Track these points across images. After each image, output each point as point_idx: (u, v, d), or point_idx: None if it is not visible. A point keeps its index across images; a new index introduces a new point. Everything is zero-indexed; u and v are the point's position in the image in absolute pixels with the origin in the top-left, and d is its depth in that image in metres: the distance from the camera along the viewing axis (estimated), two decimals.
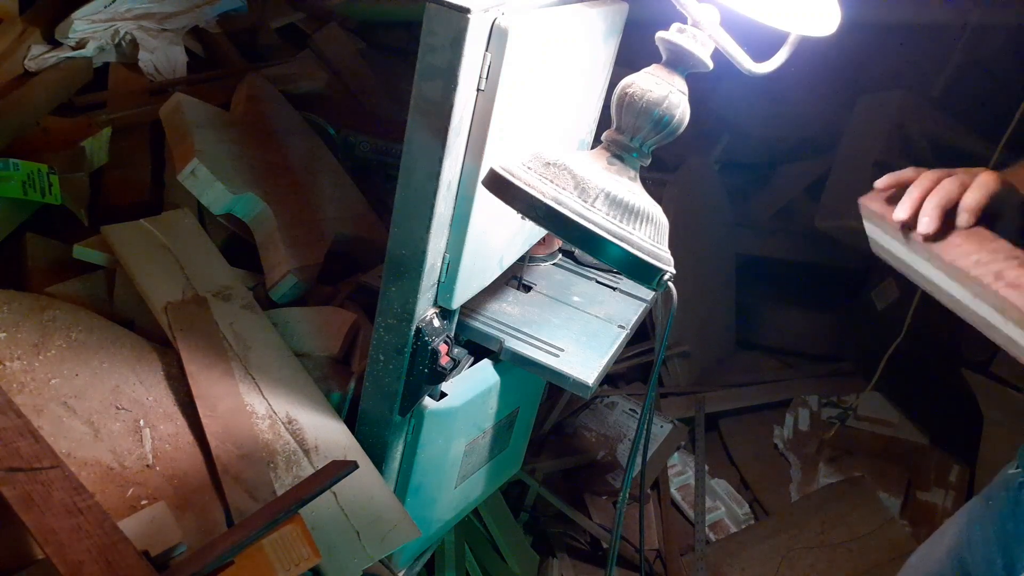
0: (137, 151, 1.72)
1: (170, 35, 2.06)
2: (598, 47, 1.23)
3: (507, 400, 1.39)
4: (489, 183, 0.94)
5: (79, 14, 1.85)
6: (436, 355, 1.14)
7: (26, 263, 1.39)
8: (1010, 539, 1.00)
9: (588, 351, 1.29)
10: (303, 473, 1.14)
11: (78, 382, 1.12)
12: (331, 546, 1.07)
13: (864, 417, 2.45)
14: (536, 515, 1.97)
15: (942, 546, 1.14)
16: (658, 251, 0.92)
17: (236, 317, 1.30)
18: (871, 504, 2.15)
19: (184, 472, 1.08)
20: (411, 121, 0.96)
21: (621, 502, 1.26)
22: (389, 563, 1.28)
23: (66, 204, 1.46)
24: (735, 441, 2.42)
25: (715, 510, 2.15)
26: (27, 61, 1.80)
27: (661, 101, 0.92)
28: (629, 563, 1.93)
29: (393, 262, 1.06)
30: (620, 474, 2.13)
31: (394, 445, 1.24)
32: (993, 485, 1.09)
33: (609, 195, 0.91)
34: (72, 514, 0.87)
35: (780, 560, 1.96)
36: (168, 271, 1.32)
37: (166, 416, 1.14)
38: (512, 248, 1.28)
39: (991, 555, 1.02)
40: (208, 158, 1.44)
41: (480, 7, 0.89)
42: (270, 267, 1.47)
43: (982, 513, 1.07)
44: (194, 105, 1.60)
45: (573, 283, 1.50)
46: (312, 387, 1.26)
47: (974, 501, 1.13)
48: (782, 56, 1.01)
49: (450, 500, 1.44)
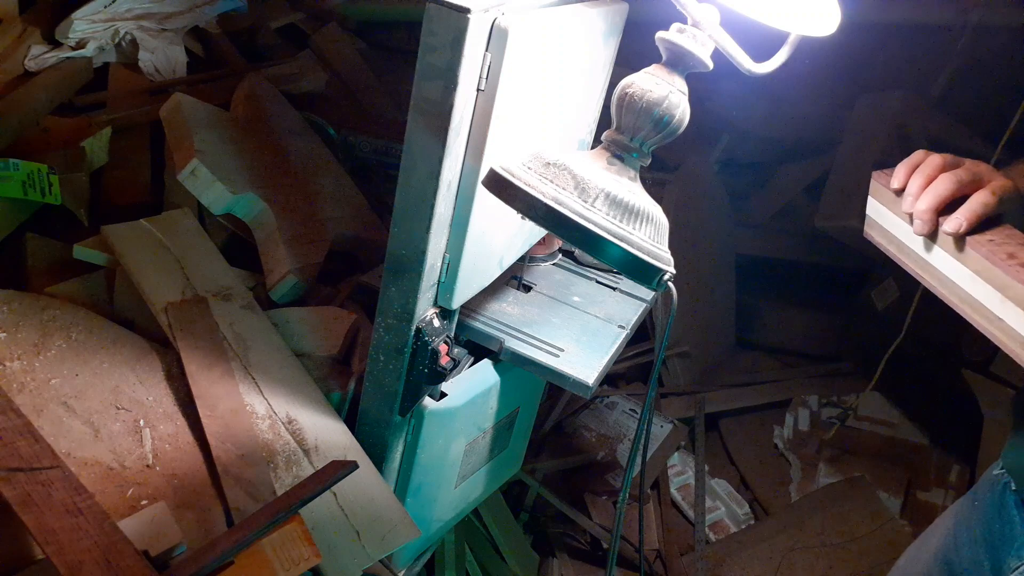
0: (137, 151, 1.72)
1: (170, 35, 2.06)
2: (598, 47, 1.23)
3: (507, 400, 1.39)
4: (489, 183, 0.94)
5: (79, 14, 1.85)
6: (436, 355, 1.14)
7: (26, 263, 1.39)
8: (997, 540, 0.99)
9: (588, 351, 1.29)
10: (303, 473, 1.14)
11: (78, 382, 1.12)
12: (331, 546, 1.07)
13: (864, 417, 2.45)
14: (536, 515, 1.97)
15: (929, 548, 1.13)
16: (658, 251, 0.92)
17: (236, 317, 1.30)
18: (871, 504, 2.15)
19: (184, 472, 1.08)
20: (411, 121, 0.96)
21: (621, 502, 1.26)
22: (389, 563, 1.28)
23: (66, 204, 1.46)
24: (735, 441, 2.42)
25: (715, 510, 2.15)
26: (27, 61, 1.80)
27: (661, 101, 0.92)
28: (629, 563, 1.93)
29: (393, 262, 1.06)
30: (620, 474, 2.13)
31: (394, 445, 1.24)
32: (979, 486, 1.08)
33: (609, 195, 0.91)
34: (72, 514, 0.87)
35: (780, 560, 1.96)
36: (168, 271, 1.32)
37: (166, 416, 1.14)
38: (512, 248, 1.28)
39: (978, 556, 1.01)
40: (208, 158, 1.44)
41: (480, 7, 0.89)
42: (270, 267, 1.47)
43: (969, 514, 1.07)
44: (194, 105, 1.60)
45: (573, 283, 1.50)
46: (312, 387, 1.26)
47: (961, 502, 1.12)
48: (782, 56, 1.01)
49: (450, 500, 1.44)
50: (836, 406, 2.52)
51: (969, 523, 1.06)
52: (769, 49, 1.00)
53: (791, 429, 2.46)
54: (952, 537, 1.08)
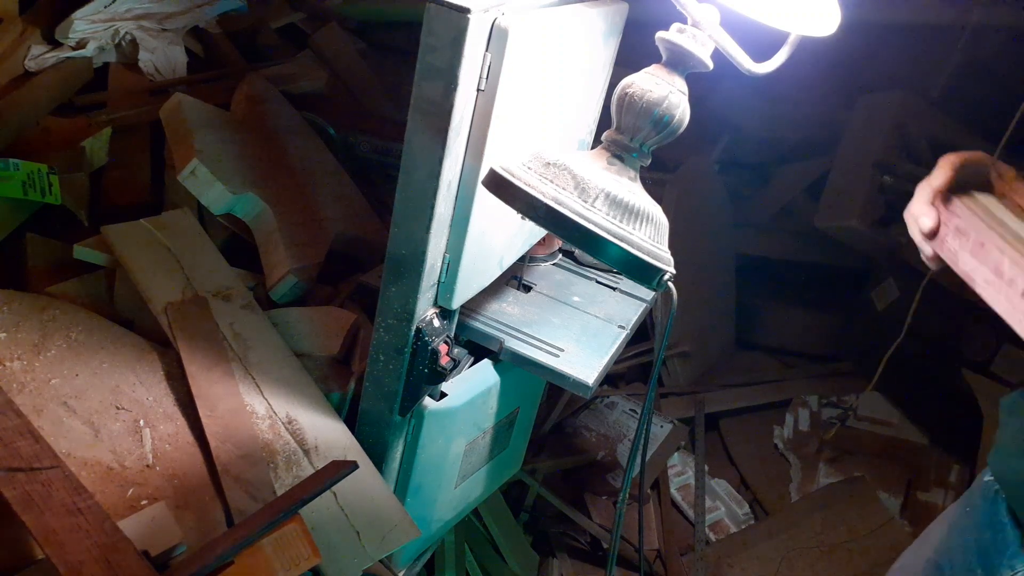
0: (137, 151, 1.72)
1: (170, 35, 2.06)
2: (598, 47, 1.23)
3: (507, 400, 1.39)
4: (489, 183, 0.94)
5: (79, 14, 1.85)
6: (436, 355, 1.14)
7: (26, 263, 1.39)
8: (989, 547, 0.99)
9: (588, 351, 1.29)
10: (303, 473, 1.14)
11: (78, 382, 1.12)
12: (331, 546, 1.07)
13: (864, 417, 2.45)
14: (536, 515, 1.97)
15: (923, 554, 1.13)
16: (658, 251, 0.92)
17: (236, 317, 1.30)
18: (871, 504, 2.15)
19: (184, 472, 1.08)
20: (411, 121, 0.96)
21: (621, 502, 1.26)
22: (389, 563, 1.28)
23: (66, 204, 1.46)
24: (735, 441, 2.42)
25: (715, 510, 2.15)
26: (27, 61, 1.80)
27: (661, 101, 0.92)
28: (629, 563, 1.93)
29: (393, 262, 1.06)
30: (620, 474, 2.13)
31: (394, 445, 1.24)
32: (971, 492, 1.08)
33: (609, 195, 0.91)
34: (72, 514, 0.87)
35: (780, 560, 1.96)
36: (168, 271, 1.32)
37: (166, 416, 1.14)
38: (512, 248, 1.28)
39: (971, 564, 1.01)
40: (208, 158, 1.44)
41: (480, 7, 0.89)
42: (270, 267, 1.47)
43: (961, 521, 1.07)
44: (194, 105, 1.60)
45: (573, 283, 1.50)
46: (312, 387, 1.26)
47: (952, 509, 1.12)
48: (782, 56, 1.01)
49: (450, 500, 1.44)
50: (836, 406, 2.52)
51: (962, 530, 1.05)
52: (769, 49, 1.00)
53: (791, 429, 2.46)
54: (945, 544, 1.08)
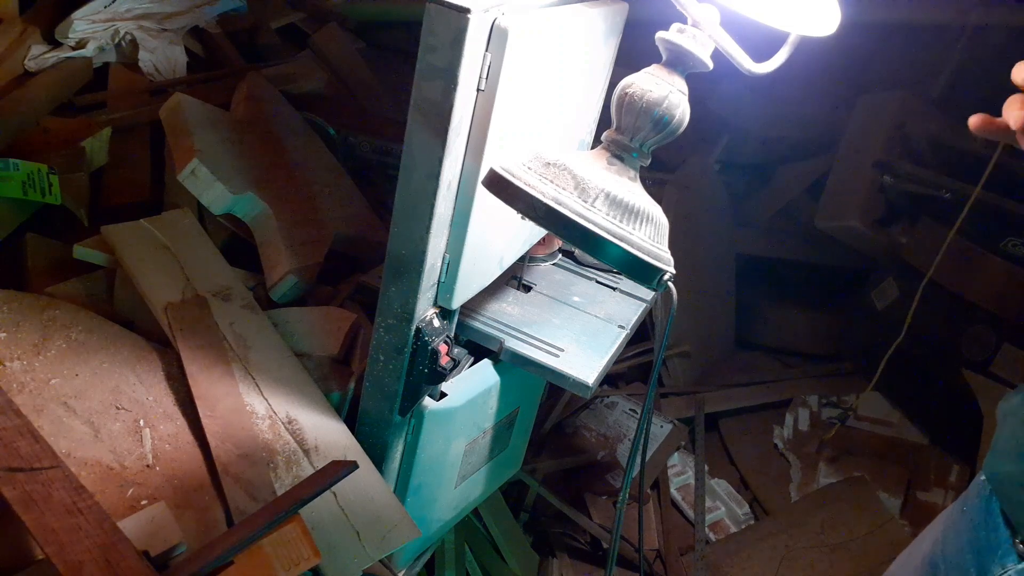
0: (137, 151, 1.72)
1: (170, 35, 2.07)
2: (598, 47, 1.23)
3: (507, 400, 1.39)
4: (489, 183, 0.94)
5: (79, 14, 1.85)
6: (436, 355, 1.14)
7: (26, 263, 1.39)
8: (982, 546, 0.99)
9: (588, 351, 1.29)
10: (303, 473, 1.14)
11: (78, 382, 1.12)
12: (331, 546, 1.07)
13: (864, 417, 2.45)
14: (536, 515, 1.97)
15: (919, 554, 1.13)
16: (658, 251, 0.92)
17: (236, 317, 1.30)
18: (871, 504, 2.15)
19: (184, 472, 1.08)
20: (411, 121, 0.96)
21: (621, 502, 1.26)
22: (389, 563, 1.28)
23: (66, 204, 1.46)
24: (735, 441, 2.42)
25: (715, 510, 2.14)
26: (27, 61, 1.80)
27: (661, 101, 0.92)
28: (629, 563, 1.93)
29: (393, 262, 1.06)
30: (620, 474, 2.13)
31: (394, 445, 1.24)
32: (968, 493, 1.08)
33: (609, 195, 0.91)
34: (72, 514, 0.87)
35: (780, 560, 1.96)
36: (168, 271, 1.32)
37: (166, 416, 1.14)
38: (512, 248, 1.28)
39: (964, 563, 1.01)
40: (208, 158, 1.44)
41: (480, 7, 0.89)
42: (270, 267, 1.47)
43: (957, 522, 1.07)
44: (194, 105, 1.60)
45: (573, 283, 1.50)
46: (312, 387, 1.26)
47: (950, 509, 1.12)
48: (782, 56, 1.01)
49: (450, 500, 1.44)
50: (836, 406, 2.52)
51: (957, 529, 1.06)
52: (769, 49, 1.00)
53: (791, 429, 2.46)
54: (940, 543, 1.09)
